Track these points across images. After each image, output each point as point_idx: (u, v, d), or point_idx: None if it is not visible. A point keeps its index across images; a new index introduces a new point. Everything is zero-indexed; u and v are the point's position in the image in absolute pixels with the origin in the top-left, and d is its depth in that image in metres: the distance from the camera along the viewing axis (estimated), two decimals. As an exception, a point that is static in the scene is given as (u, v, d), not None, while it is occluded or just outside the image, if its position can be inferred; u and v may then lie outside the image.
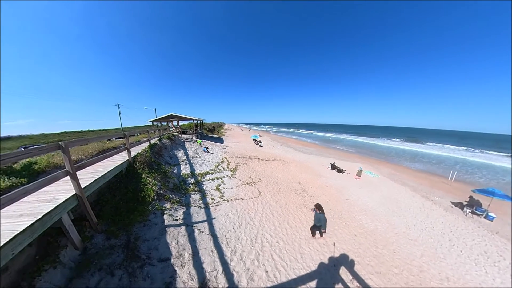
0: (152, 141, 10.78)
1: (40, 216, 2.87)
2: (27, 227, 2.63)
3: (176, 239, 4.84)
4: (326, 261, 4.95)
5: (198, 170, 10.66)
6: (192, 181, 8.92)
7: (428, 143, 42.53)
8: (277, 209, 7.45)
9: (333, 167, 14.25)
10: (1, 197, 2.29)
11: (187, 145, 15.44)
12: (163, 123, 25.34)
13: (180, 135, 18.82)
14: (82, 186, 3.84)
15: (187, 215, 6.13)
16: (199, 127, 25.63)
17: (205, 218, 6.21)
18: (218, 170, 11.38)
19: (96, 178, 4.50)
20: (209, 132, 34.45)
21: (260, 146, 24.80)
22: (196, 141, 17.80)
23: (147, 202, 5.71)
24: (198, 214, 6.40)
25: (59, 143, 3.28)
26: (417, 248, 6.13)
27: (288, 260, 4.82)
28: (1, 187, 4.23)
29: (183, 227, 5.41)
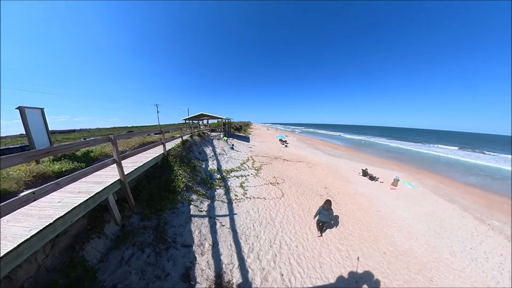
0: (184, 138, 11.64)
1: (92, 194, 3.45)
2: (82, 202, 3.20)
3: (199, 228, 5.20)
4: (346, 275, 4.64)
5: (224, 166, 11.17)
6: (218, 176, 9.40)
7: (492, 153, 34.87)
8: (300, 213, 7.30)
9: (365, 173, 13.19)
10: (65, 176, 2.85)
11: (215, 142, 16.27)
12: (194, 121, 27.26)
13: (209, 133, 19.94)
14: (125, 173, 4.46)
15: (211, 208, 6.50)
16: (226, 125, 26.69)
17: (227, 213, 6.49)
18: (243, 168, 11.71)
19: (137, 167, 5.17)
20: (236, 131, 35.46)
21: (286, 146, 24.41)
22: (223, 138, 18.61)
23: (176, 192, 6.26)
24: (221, 208, 6.73)
25: (109, 136, 3.89)
26: (463, 281, 5.09)
27: (305, 267, 4.69)
28: (67, 169, 5.22)
29: (207, 219, 5.77)
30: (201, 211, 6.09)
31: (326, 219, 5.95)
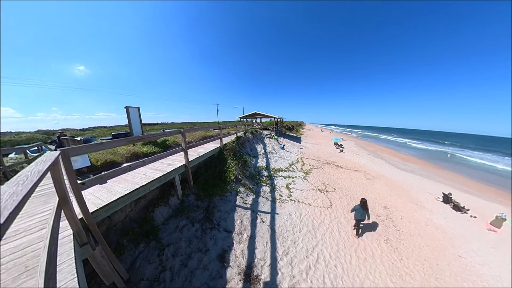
0: (239, 134, 12.68)
1: (165, 173, 4.45)
2: (158, 177, 4.19)
3: (241, 219, 5.67)
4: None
5: (272, 165, 11.44)
6: (266, 174, 9.76)
7: None
8: (347, 230, 6.61)
9: (447, 199, 10.19)
10: (149, 157, 3.82)
11: (266, 140, 16.75)
12: (248, 119, 29.00)
13: (261, 131, 20.75)
14: (189, 160, 5.43)
15: (255, 203, 6.89)
16: (278, 125, 26.78)
17: (269, 211, 6.72)
18: (291, 169, 11.61)
19: (198, 156, 6.19)
20: (287, 131, 34.89)
21: (341, 151, 22.00)
22: (274, 137, 18.85)
23: (227, 182, 7.00)
24: (264, 204, 7.02)
25: (180, 129, 4.89)
26: None
27: (340, 293, 4.27)
28: (151, 151, 6.88)
29: (249, 212, 6.19)
30: (246, 203, 6.58)
31: (362, 217, 5.92)
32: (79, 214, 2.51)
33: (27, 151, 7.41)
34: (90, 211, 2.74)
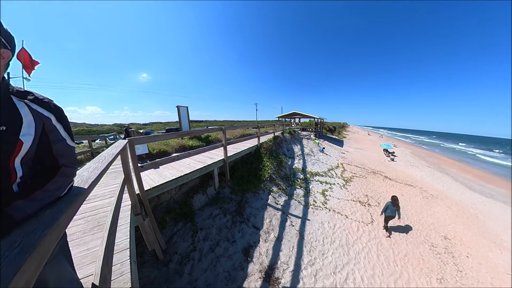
0: (276, 134, 12.65)
1: (205, 165, 4.97)
2: (199, 168, 4.72)
3: (270, 218, 5.77)
4: None
5: (309, 168, 10.99)
6: (301, 176, 9.50)
7: None
8: (388, 255, 5.74)
9: None
10: (194, 150, 4.36)
11: (304, 141, 16.06)
12: (286, 119, 28.29)
13: (299, 132, 19.95)
14: (228, 155, 5.87)
15: (287, 204, 6.85)
16: (319, 126, 25.14)
17: (300, 215, 6.57)
18: (329, 174, 10.89)
19: (236, 152, 6.60)
20: (328, 132, 32.19)
21: (392, 160, 18.83)
22: (314, 139, 17.84)
23: (261, 180, 7.20)
24: (296, 208, 6.90)
25: (221, 127, 5.35)
26: None
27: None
28: (196, 144, 7.73)
29: (280, 213, 6.22)
30: (277, 204, 6.62)
31: (392, 214, 5.93)
32: (136, 190, 3.13)
33: (107, 138, 10.25)
34: (145, 189, 3.36)
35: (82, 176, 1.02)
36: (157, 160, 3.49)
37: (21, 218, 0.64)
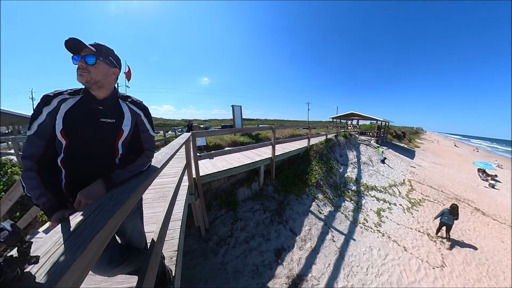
0: (329, 136, 11.61)
1: (253, 161, 5.33)
2: (247, 163, 5.11)
3: (310, 227, 5.52)
4: None
5: (365, 179, 9.68)
6: (353, 188, 8.53)
7: None
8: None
9: None
10: (246, 146, 4.75)
11: (362, 148, 13.99)
12: (342, 120, 24.99)
13: (357, 136, 17.22)
14: (275, 154, 6.03)
15: (331, 216, 6.36)
16: (382, 130, 20.84)
17: (345, 232, 5.97)
18: (390, 191, 9.23)
19: (284, 152, 6.69)
20: (395, 139, 26.42)
21: (492, 186, 12.98)
22: (377, 147, 15.22)
23: (306, 184, 6.95)
24: (341, 222, 6.31)
25: (271, 126, 5.54)
26: None
27: None
28: (246, 141, 8.26)
29: (321, 223, 5.86)
30: (320, 213, 6.27)
31: (449, 221, 5.73)
32: (193, 174, 3.74)
33: (176, 130, 13.22)
34: (200, 175, 3.96)
35: (157, 158, 1.40)
36: (212, 152, 4.06)
37: (118, 181, 0.98)
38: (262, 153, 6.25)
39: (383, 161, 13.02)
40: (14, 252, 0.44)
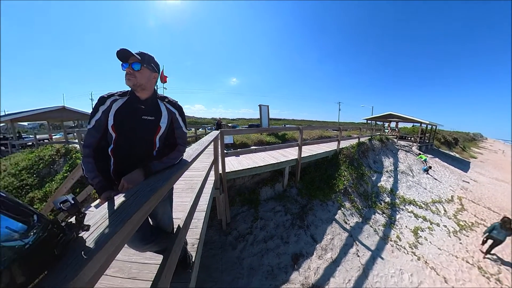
0: (362, 139, 10.62)
1: (278, 161, 5.32)
2: (272, 163, 5.13)
3: (333, 236, 5.21)
4: None
5: (402, 191, 8.64)
6: (387, 199, 7.71)
7: None
8: None
9: None
10: (271, 145, 4.78)
11: (400, 154, 12.40)
12: (378, 122, 22.34)
13: (395, 140, 15.24)
14: (302, 156, 5.89)
15: (358, 228, 5.89)
16: (427, 135, 17.88)
17: (372, 248, 5.41)
18: (433, 208, 8.03)
19: (311, 154, 6.46)
20: (443, 146, 22.32)
21: None
22: (419, 154, 13.32)
23: (333, 190, 6.57)
24: (369, 236, 5.79)
25: (299, 126, 5.44)
26: None
27: None
28: (272, 141, 8.25)
29: (346, 234, 5.46)
30: (346, 223, 5.88)
31: (501, 237, 5.15)
32: (220, 170, 3.93)
33: (206, 128, 14.38)
34: (226, 171, 4.14)
35: (188, 153, 1.53)
36: (238, 150, 4.21)
37: (154, 171, 1.12)
38: (287, 154, 6.16)
39: (426, 171, 11.41)
40: (73, 220, 0.57)
